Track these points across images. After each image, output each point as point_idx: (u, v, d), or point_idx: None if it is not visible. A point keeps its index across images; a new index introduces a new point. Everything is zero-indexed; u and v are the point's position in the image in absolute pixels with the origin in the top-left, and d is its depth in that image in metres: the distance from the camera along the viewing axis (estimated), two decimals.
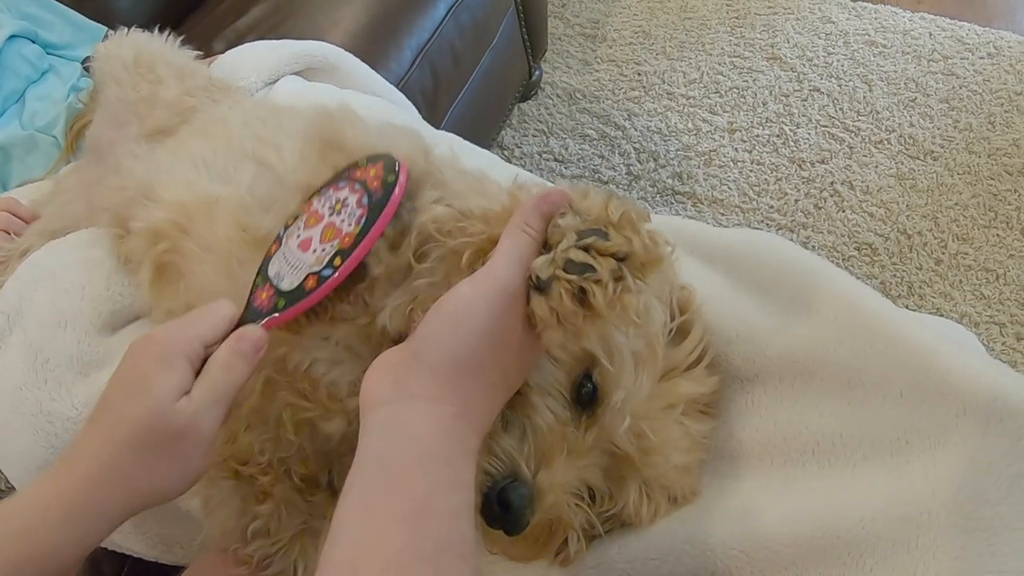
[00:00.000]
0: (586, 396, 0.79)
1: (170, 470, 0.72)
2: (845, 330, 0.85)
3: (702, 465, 0.88)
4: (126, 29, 1.30)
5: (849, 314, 0.86)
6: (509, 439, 0.76)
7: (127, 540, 1.08)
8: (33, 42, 1.67)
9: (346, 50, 1.57)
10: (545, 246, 0.69)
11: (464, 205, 0.78)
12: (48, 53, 1.69)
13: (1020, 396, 0.76)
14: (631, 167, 2.53)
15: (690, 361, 0.86)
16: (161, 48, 1.28)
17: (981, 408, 0.76)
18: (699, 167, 2.50)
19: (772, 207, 2.39)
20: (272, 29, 1.86)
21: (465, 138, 1.40)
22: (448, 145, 0.95)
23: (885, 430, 0.81)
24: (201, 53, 1.37)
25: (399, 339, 0.74)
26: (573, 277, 0.65)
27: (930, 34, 2.77)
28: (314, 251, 0.76)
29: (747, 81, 2.73)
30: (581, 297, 0.65)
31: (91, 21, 1.79)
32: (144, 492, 0.72)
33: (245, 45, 1.52)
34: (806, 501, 0.80)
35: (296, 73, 1.47)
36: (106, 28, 1.78)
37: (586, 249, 0.66)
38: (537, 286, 0.67)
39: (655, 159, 2.53)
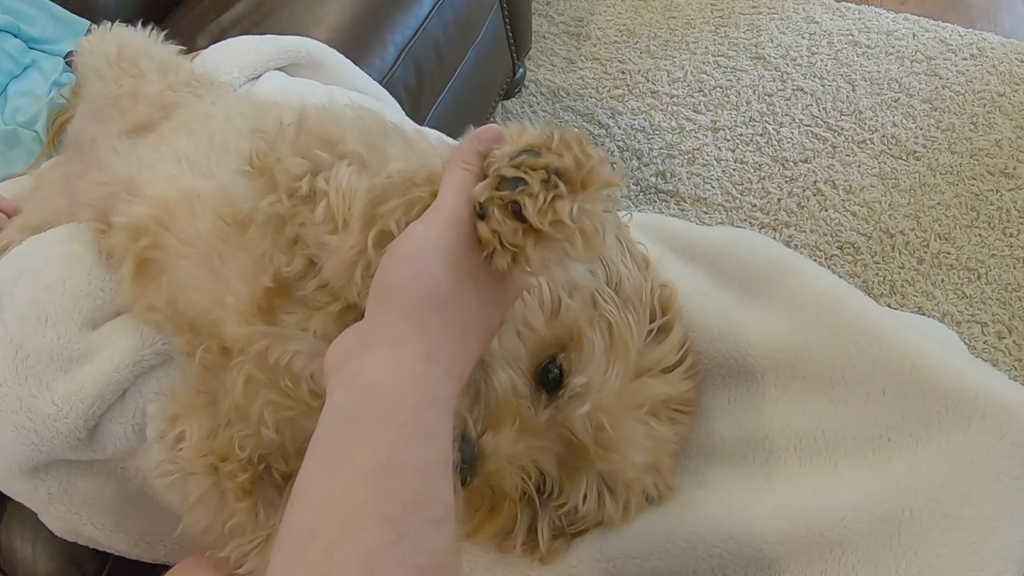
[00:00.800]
0: (552, 380, 0.79)
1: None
2: (828, 328, 0.86)
3: (674, 464, 0.88)
4: (109, 24, 1.30)
5: (832, 312, 0.86)
6: (461, 397, 0.73)
7: (109, 539, 1.07)
8: (15, 36, 1.66)
9: (330, 46, 1.57)
10: (482, 176, 0.68)
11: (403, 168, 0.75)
12: (30, 48, 1.68)
13: (1002, 394, 0.76)
14: (615, 165, 2.52)
15: (670, 363, 0.85)
16: (144, 43, 1.28)
17: (963, 406, 0.77)
18: (682, 166, 2.51)
19: (755, 206, 2.39)
20: (256, 24, 1.85)
21: (449, 134, 1.40)
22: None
23: (867, 428, 0.82)
24: (185, 48, 1.37)
25: None
26: (505, 192, 0.63)
27: (913, 35, 2.78)
28: None
29: (731, 80, 2.73)
30: (517, 212, 0.63)
31: (74, 16, 1.77)
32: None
33: (228, 40, 1.51)
34: (789, 499, 0.81)
35: (279, 69, 1.46)
36: (89, 23, 1.77)
37: (518, 167, 0.64)
38: (480, 213, 0.65)
39: (639, 157, 2.54)
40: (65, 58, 1.69)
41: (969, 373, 0.78)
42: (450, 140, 0.86)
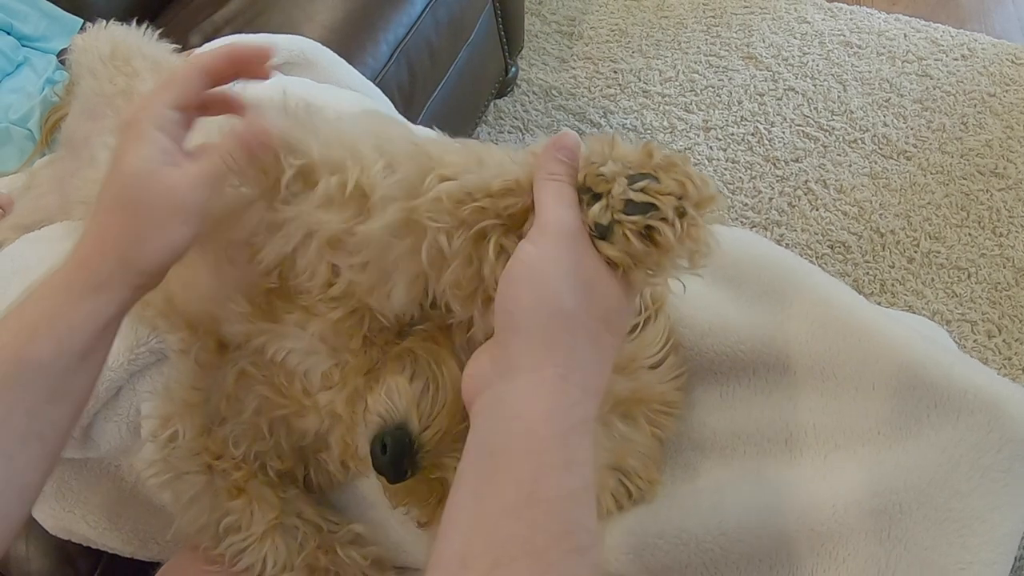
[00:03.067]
0: None
1: (152, 237, 0.71)
2: (818, 324, 0.86)
3: (658, 459, 0.88)
4: (104, 22, 1.30)
5: (822, 309, 0.87)
6: (410, 390, 0.75)
7: (102, 536, 1.07)
8: (8, 34, 1.67)
9: (322, 44, 1.57)
10: (586, 191, 0.67)
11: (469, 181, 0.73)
12: (23, 45, 1.68)
13: (990, 389, 0.77)
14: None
15: (650, 357, 0.86)
16: (138, 41, 1.28)
17: (952, 401, 0.78)
18: None
19: (746, 205, 2.40)
20: (249, 23, 1.85)
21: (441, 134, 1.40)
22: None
23: (857, 422, 0.82)
24: (179, 46, 1.37)
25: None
26: (636, 218, 0.63)
27: (905, 35, 2.79)
28: None
29: (722, 80, 2.74)
30: (648, 236, 0.63)
31: (67, 13, 1.78)
32: (133, 260, 0.71)
33: (221, 39, 1.51)
34: (780, 493, 0.81)
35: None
36: (82, 20, 1.77)
37: (644, 191, 0.64)
38: (598, 234, 0.65)
39: None
40: (58, 56, 1.70)
41: (957, 368, 0.79)
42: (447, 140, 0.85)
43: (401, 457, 0.73)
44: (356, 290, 0.77)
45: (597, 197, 0.65)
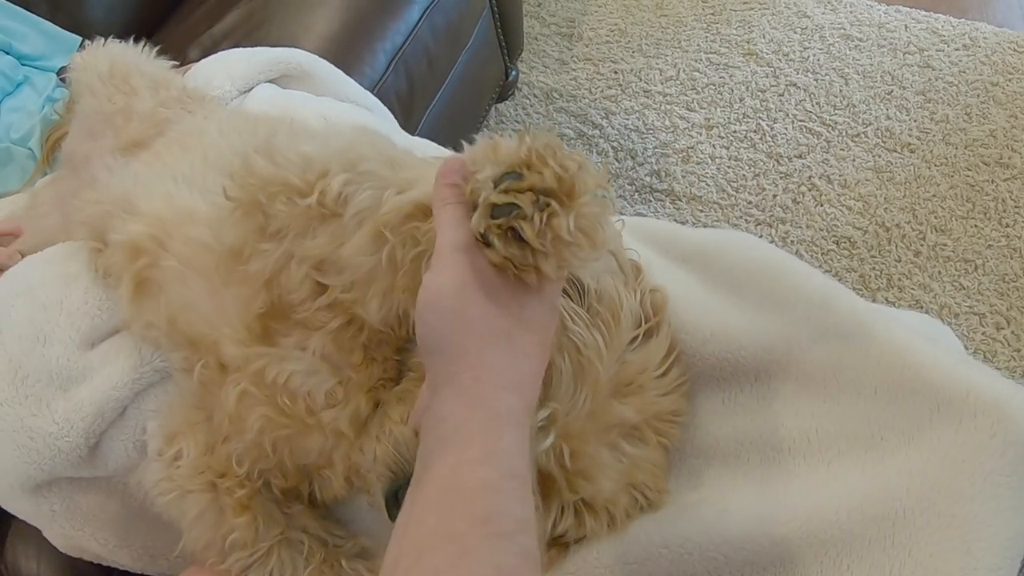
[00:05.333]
0: None
1: None
2: (818, 328, 0.86)
3: (666, 467, 0.88)
4: (103, 39, 1.30)
5: (822, 312, 0.87)
6: (416, 442, 0.74)
7: (113, 554, 1.08)
8: (7, 54, 1.67)
9: (320, 56, 1.57)
10: (471, 203, 0.68)
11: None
12: (23, 64, 1.69)
13: (992, 391, 0.77)
14: (609, 166, 2.53)
15: (654, 369, 0.86)
16: (136, 59, 1.28)
17: (954, 404, 0.77)
18: (677, 164, 2.51)
19: (750, 203, 2.39)
20: (246, 36, 1.85)
21: (441, 140, 1.40)
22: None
23: (860, 427, 0.82)
24: (177, 63, 1.37)
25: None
26: (501, 220, 0.64)
27: (905, 27, 2.78)
28: None
29: (723, 77, 2.73)
30: (518, 236, 0.64)
31: (65, 32, 1.78)
32: None
33: (219, 53, 1.51)
34: (783, 501, 0.81)
35: (271, 80, 1.46)
36: (80, 38, 1.78)
37: (506, 192, 0.65)
38: (484, 241, 0.66)
39: (633, 157, 2.54)
40: (58, 74, 1.70)
41: (959, 371, 0.79)
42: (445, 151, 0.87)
43: None
44: (345, 303, 0.79)
45: (476, 206, 0.67)
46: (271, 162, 0.79)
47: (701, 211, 2.39)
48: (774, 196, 2.39)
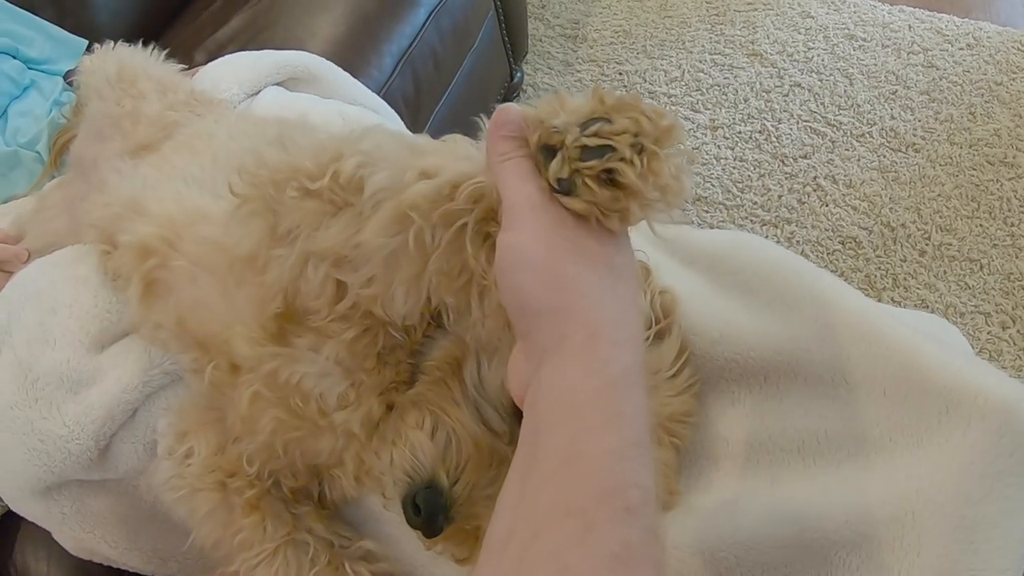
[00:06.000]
0: None
1: None
2: (827, 329, 0.86)
3: (677, 468, 0.88)
4: (111, 43, 1.30)
5: (831, 313, 0.87)
6: (433, 446, 0.75)
7: (123, 556, 1.08)
8: (14, 58, 1.67)
9: (327, 59, 1.57)
10: (543, 151, 0.64)
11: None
12: (29, 68, 1.69)
13: (1001, 393, 0.77)
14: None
15: (666, 370, 0.86)
16: (144, 62, 1.29)
17: (963, 406, 0.77)
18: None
19: (756, 203, 2.40)
20: (252, 39, 1.86)
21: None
22: None
23: (869, 429, 0.82)
24: (185, 66, 1.38)
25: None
26: (594, 162, 0.61)
27: (909, 26, 2.78)
28: None
29: (728, 78, 2.74)
30: (610, 179, 0.61)
31: (72, 35, 1.79)
32: None
33: (226, 57, 1.52)
34: (792, 501, 0.81)
35: (278, 83, 1.47)
36: (87, 42, 1.78)
37: (598, 135, 0.61)
38: (561, 190, 0.63)
39: None
40: (65, 77, 1.71)
41: (968, 372, 0.79)
42: None
43: (435, 514, 0.74)
44: (364, 303, 0.77)
45: (552, 153, 0.63)
46: (282, 150, 0.77)
47: (707, 212, 2.40)
48: (779, 196, 2.40)
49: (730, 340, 0.91)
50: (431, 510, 0.73)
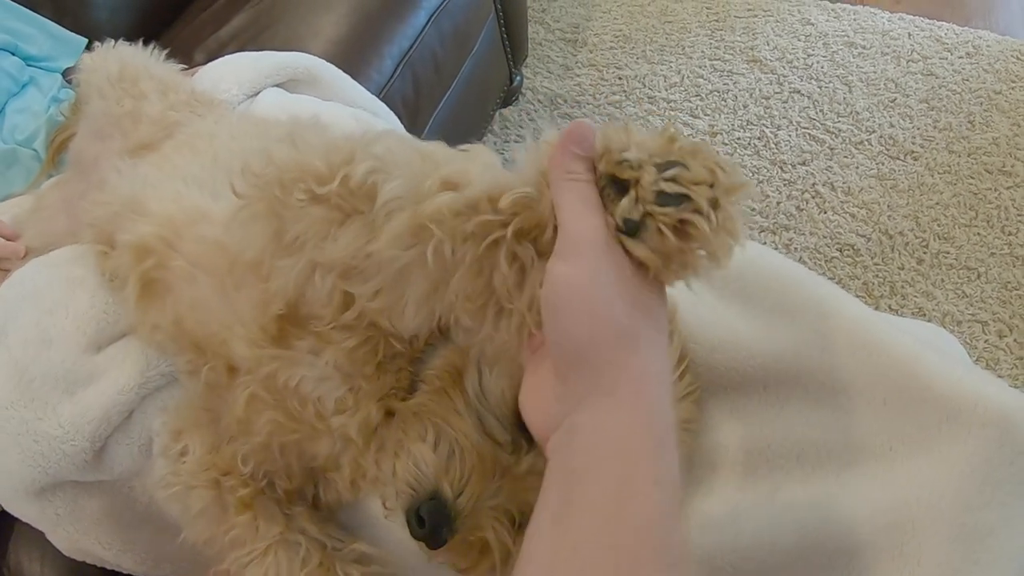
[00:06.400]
0: None
1: None
2: (828, 338, 0.86)
3: None
4: (112, 42, 1.30)
5: (831, 321, 0.87)
6: (436, 458, 0.74)
7: (117, 557, 1.07)
8: (13, 55, 1.67)
9: (327, 60, 1.57)
10: (610, 182, 0.62)
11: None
12: (28, 65, 1.69)
13: (1001, 403, 0.76)
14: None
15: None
16: (146, 62, 1.28)
17: (963, 415, 0.77)
18: None
19: (754, 210, 2.39)
20: (252, 39, 1.85)
21: (447, 145, 1.40)
22: None
23: (870, 437, 0.82)
24: (185, 66, 1.37)
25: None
26: (670, 210, 0.58)
27: (909, 34, 2.79)
28: None
29: (727, 84, 2.74)
30: (681, 230, 0.59)
31: (72, 33, 1.78)
32: None
33: (226, 57, 1.51)
34: (792, 510, 0.81)
35: (277, 85, 1.46)
36: (87, 40, 1.78)
37: (675, 181, 0.59)
38: (627, 230, 0.60)
39: None
40: (64, 75, 1.70)
41: (968, 381, 0.78)
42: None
43: (439, 527, 0.73)
44: (370, 315, 0.75)
45: (622, 188, 0.61)
46: (292, 147, 0.74)
47: None
48: (778, 203, 2.39)
49: (729, 347, 0.90)
50: (435, 522, 0.73)
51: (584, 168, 0.62)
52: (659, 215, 0.59)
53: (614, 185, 0.62)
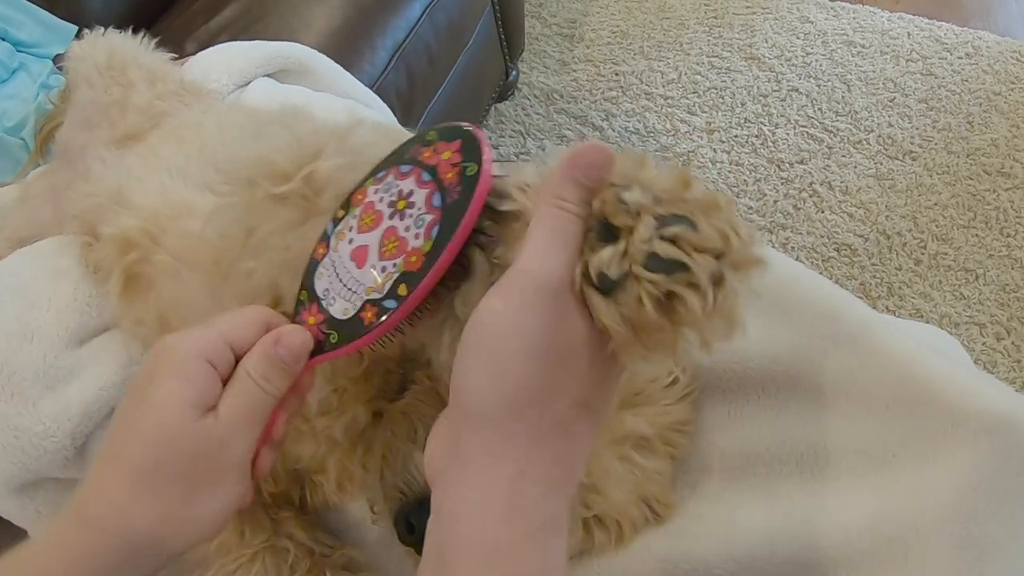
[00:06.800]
0: None
1: (197, 508, 0.58)
2: (828, 340, 0.84)
3: (671, 481, 0.86)
4: (102, 29, 1.28)
5: (832, 323, 0.85)
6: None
7: None
8: (3, 40, 1.65)
9: (319, 51, 1.55)
10: (599, 223, 0.52)
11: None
12: (18, 51, 1.67)
13: (1008, 410, 0.74)
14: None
15: (666, 382, 0.84)
16: (135, 50, 1.26)
17: (969, 422, 0.75)
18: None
19: (751, 208, 2.38)
20: (244, 30, 1.83)
21: None
22: None
23: (871, 443, 0.80)
24: (176, 55, 1.35)
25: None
26: (659, 278, 0.48)
27: (908, 34, 2.77)
28: (372, 268, 0.59)
29: (725, 81, 2.72)
30: (667, 304, 0.49)
31: (62, 20, 1.77)
32: (168, 537, 0.57)
33: (217, 47, 1.49)
34: (791, 517, 0.79)
35: (268, 75, 1.44)
36: (77, 27, 1.76)
37: (673, 241, 0.49)
38: (601, 286, 0.50)
39: None
40: (54, 61, 1.68)
41: (974, 388, 0.76)
42: None
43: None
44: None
45: (609, 234, 0.51)
46: (257, 142, 0.71)
47: None
48: (775, 202, 2.38)
49: (728, 349, 0.88)
50: (424, 528, 0.70)
51: (577, 198, 0.52)
52: (644, 280, 0.49)
53: (603, 230, 0.52)
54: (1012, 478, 0.73)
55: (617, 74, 2.79)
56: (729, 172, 2.46)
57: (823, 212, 2.34)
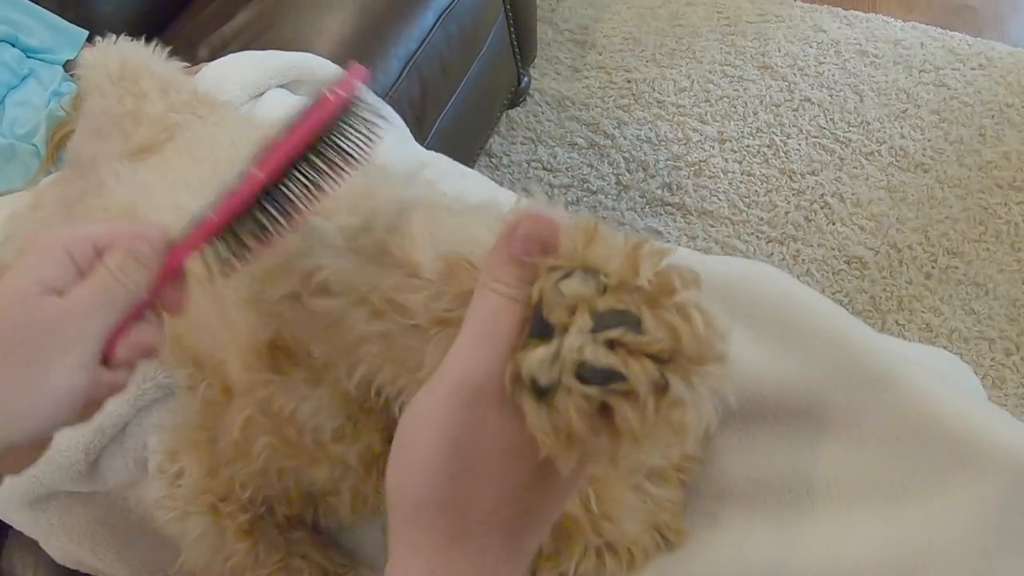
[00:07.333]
0: None
1: (19, 382, 0.55)
2: (841, 370, 0.84)
3: (682, 507, 0.86)
4: (114, 37, 1.28)
5: (844, 353, 0.85)
6: None
7: (111, 568, 1.06)
8: (13, 46, 1.65)
9: (332, 60, 1.55)
10: (541, 324, 0.46)
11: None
12: (28, 57, 1.67)
13: (1018, 446, 0.74)
14: (620, 177, 2.51)
15: None
16: (147, 59, 1.26)
17: (979, 457, 0.75)
18: (689, 177, 2.48)
19: (762, 219, 2.37)
20: (257, 36, 1.83)
21: (453, 147, 1.39)
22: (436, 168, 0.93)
23: (881, 475, 0.80)
24: (187, 64, 1.35)
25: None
26: (591, 390, 0.43)
27: (921, 44, 2.76)
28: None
29: (737, 90, 2.71)
30: (602, 414, 0.44)
31: (72, 25, 1.77)
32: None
33: (229, 56, 1.49)
34: (800, 547, 0.79)
35: (282, 86, 1.44)
36: (87, 32, 1.76)
37: (610, 345, 0.44)
38: (534, 389, 0.45)
39: (644, 169, 2.51)
40: (65, 67, 1.68)
41: (986, 423, 0.77)
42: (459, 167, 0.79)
43: None
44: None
45: (545, 330, 0.46)
46: None
47: (712, 226, 2.37)
48: (786, 213, 2.37)
49: (740, 376, 0.88)
50: None
51: (514, 278, 0.47)
52: (576, 392, 0.44)
53: (540, 324, 0.46)
54: (1020, 514, 0.73)
55: (629, 81, 2.79)
56: (740, 182, 2.45)
57: (834, 224, 2.33)
